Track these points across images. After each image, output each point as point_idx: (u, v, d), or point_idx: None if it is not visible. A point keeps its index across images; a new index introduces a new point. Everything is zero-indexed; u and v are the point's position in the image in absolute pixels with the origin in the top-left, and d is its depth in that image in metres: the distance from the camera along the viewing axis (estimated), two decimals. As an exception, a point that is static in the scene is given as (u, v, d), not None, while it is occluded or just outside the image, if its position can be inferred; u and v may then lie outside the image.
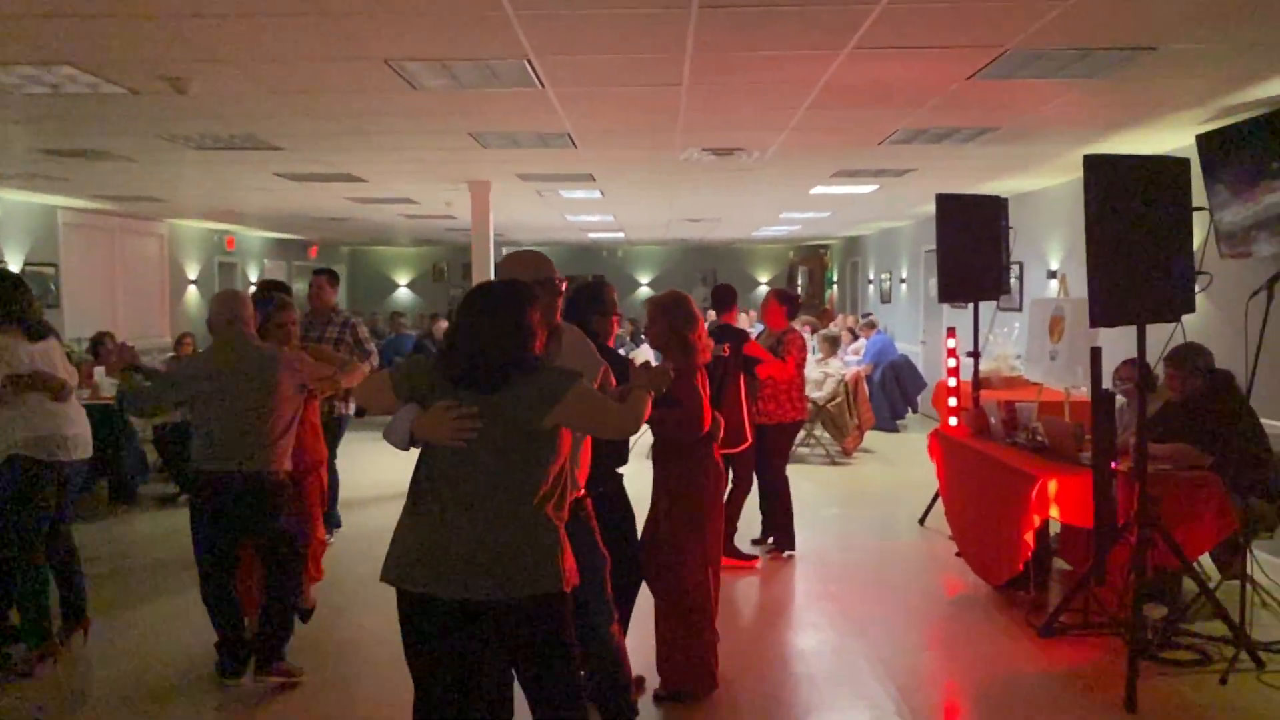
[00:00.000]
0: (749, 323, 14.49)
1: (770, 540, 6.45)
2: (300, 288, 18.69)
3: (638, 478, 4.06)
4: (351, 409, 6.50)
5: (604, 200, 10.73)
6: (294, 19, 3.86)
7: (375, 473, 8.08)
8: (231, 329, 4.20)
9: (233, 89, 5.04)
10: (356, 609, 5.26)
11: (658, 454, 4.11)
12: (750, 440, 5.82)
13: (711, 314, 8.18)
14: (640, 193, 10.16)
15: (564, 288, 3.17)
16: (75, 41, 4.17)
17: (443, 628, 2.61)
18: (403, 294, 21.13)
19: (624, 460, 3.84)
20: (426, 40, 4.18)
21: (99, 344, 8.68)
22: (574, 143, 6.69)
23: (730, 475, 5.59)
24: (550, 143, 6.70)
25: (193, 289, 13.74)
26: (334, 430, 6.26)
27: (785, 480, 6.37)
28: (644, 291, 21.00)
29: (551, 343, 3.05)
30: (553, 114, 5.69)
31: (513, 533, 2.59)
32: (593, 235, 16.88)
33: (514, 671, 2.81)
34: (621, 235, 16.81)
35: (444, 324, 13.17)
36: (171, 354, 9.83)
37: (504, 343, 2.63)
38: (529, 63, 4.52)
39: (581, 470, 3.26)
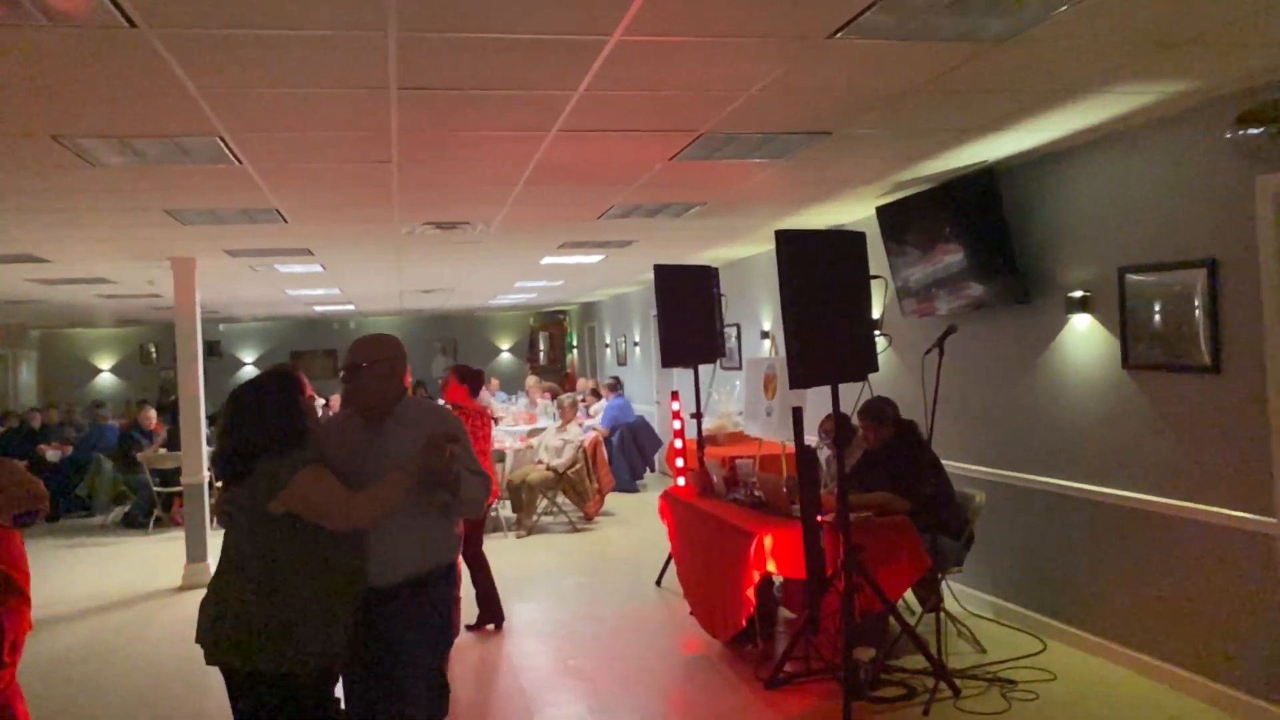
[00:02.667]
0: (490, 392, 14.41)
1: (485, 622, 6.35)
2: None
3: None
4: None
5: (326, 274, 10.33)
6: (-66, 91, 3.44)
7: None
8: None
9: None
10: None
11: None
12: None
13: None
14: (366, 265, 9.87)
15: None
16: None
17: None
18: (105, 379, 19.25)
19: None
20: (102, 117, 3.86)
21: None
22: (284, 218, 6.39)
23: None
24: (257, 218, 6.36)
25: None
26: None
27: (483, 557, 6.31)
28: (380, 364, 20.35)
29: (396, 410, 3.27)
30: (256, 190, 5.42)
31: None
32: (320, 308, 16.21)
33: None
34: (352, 307, 16.26)
35: (153, 411, 12.09)
36: None
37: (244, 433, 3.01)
38: (222, 139, 4.28)
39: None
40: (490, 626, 6.34)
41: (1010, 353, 5.84)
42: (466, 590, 5.61)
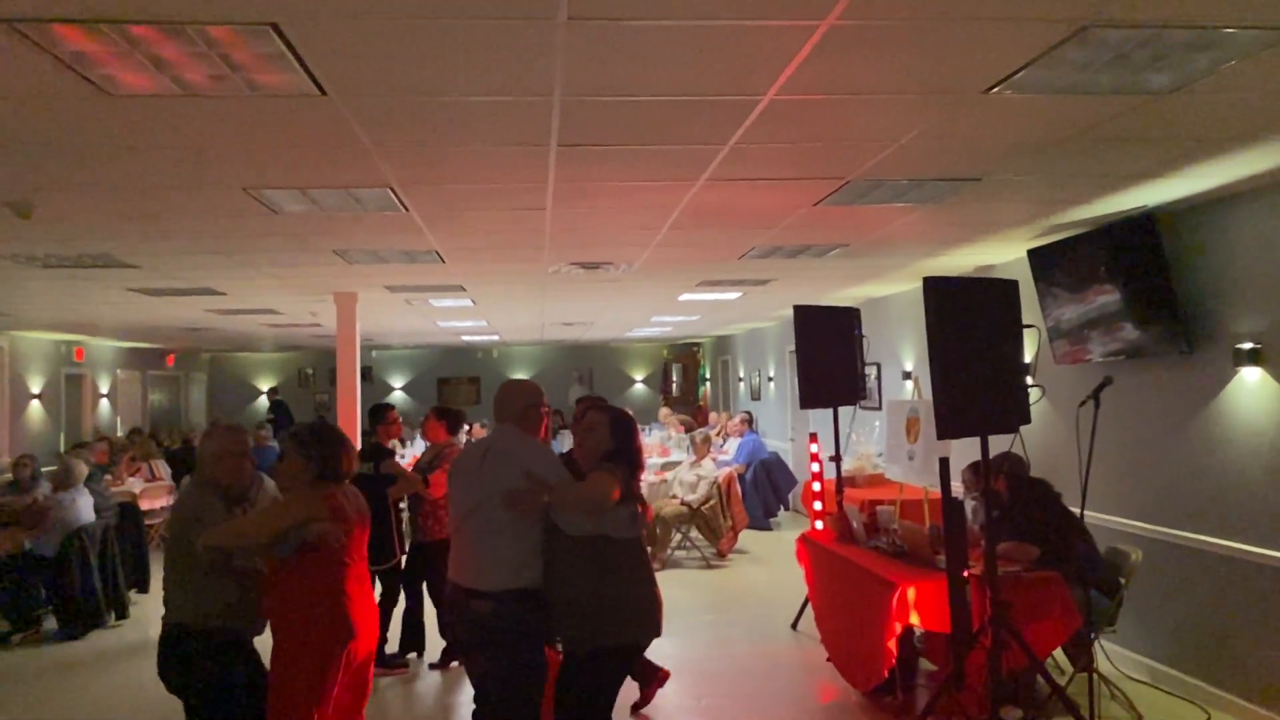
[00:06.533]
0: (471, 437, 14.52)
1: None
2: (156, 398, 17.96)
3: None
4: None
5: (476, 308, 10.75)
6: (149, 149, 3.81)
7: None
8: None
9: (82, 212, 4.90)
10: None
11: None
12: (399, 556, 6.32)
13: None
14: (512, 300, 10.24)
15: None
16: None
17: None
18: (266, 402, 20.44)
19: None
20: (286, 171, 4.19)
21: None
22: (441, 259, 6.73)
23: (380, 589, 6.15)
24: (418, 259, 6.72)
25: (36, 404, 12.97)
26: None
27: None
28: (519, 392, 20.90)
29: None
30: (419, 234, 5.73)
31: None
32: (467, 338, 16.83)
33: None
34: (496, 337, 16.82)
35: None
36: (8, 476, 9.20)
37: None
38: (392, 190, 4.57)
39: None
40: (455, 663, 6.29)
41: (1171, 405, 5.58)
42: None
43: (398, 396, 20.48)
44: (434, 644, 6.49)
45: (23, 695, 6.07)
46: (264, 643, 3.76)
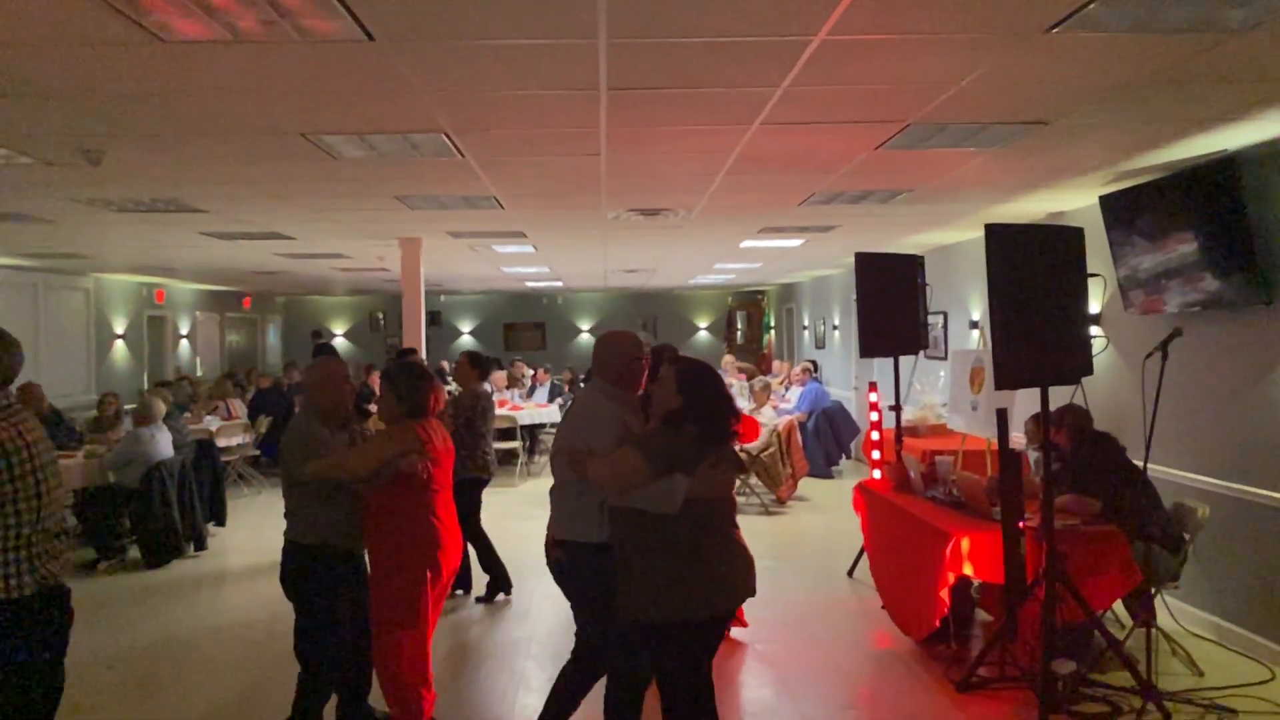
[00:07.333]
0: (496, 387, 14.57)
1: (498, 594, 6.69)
2: (234, 340, 18.49)
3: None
4: None
5: (538, 254, 10.80)
6: (208, 97, 3.88)
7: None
8: None
9: (148, 160, 5.03)
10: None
11: None
12: None
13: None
14: (573, 247, 10.26)
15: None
16: (-17, 118, 4.15)
17: (716, 638, 3.41)
18: (338, 344, 20.92)
19: None
20: (342, 115, 4.23)
21: None
22: (500, 204, 6.76)
23: None
24: (477, 204, 6.76)
25: (120, 344, 13.47)
26: None
27: (482, 532, 6.68)
28: (584, 338, 21.08)
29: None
30: (476, 180, 5.76)
31: (746, 548, 3.48)
32: (531, 284, 16.94)
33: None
34: (560, 283, 16.90)
35: (378, 375, 13.04)
36: (94, 414, 9.61)
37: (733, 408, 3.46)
38: (446, 135, 4.59)
39: None
40: (501, 596, 6.69)
41: (1249, 358, 5.37)
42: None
43: (466, 340, 20.78)
44: (479, 579, 6.77)
45: (108, 619, 6.40)
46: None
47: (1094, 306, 6.55)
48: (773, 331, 20.27)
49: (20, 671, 3.00)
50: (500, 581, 6.69)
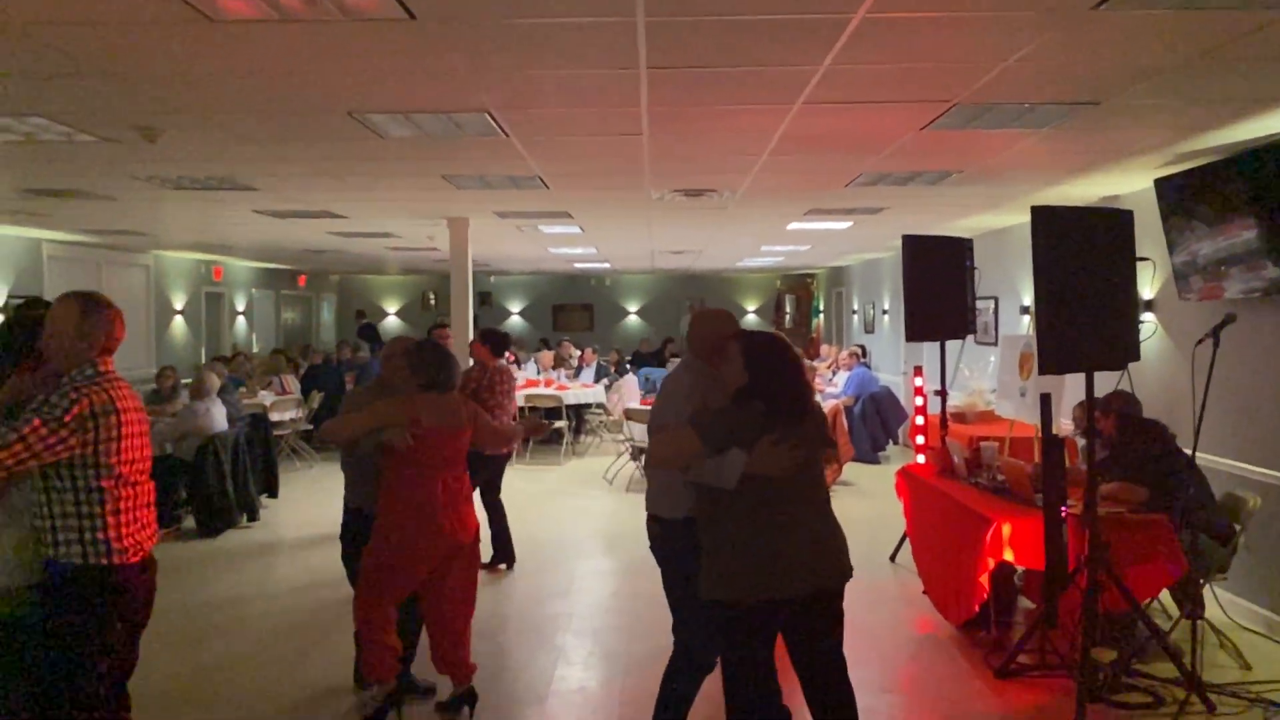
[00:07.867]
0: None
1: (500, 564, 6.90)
2: (289, 317, 18.84)
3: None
4: None
5: (584, 235, 10.84)
6: (255, 75, 3.95)
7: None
8: None
9: (202, 137, 5.14)
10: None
11: None
12: None
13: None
14: (619, 227, 10.27)
15: None
16: (44, 96, 4.26)
17: (772, 622, 3.25)
18: (391, 322, 21.22)
19: None
20: (388, 94, 4.28)
21: None
22: (545, 184, 6.79)
23: None
24: (522, 184, 6.80)
25: (179, 320, 13.81)
26: None
27: (500, 504, 6.89)
28: (632, 319, 21.13)
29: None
30: (520, 159, 5.79)
31: (834, 530, 3.38)
32: (579, 265, 17.00)
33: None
34: (608, 265, 16.93)
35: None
36: (153, 388, 9.88)
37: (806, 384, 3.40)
38: (490, 115, 4.63)
39: None
40: (502, 566, 6.88)
41: (1306, 345, 5.23)
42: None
43: (515, 321, 20.95)
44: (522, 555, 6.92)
45: (163, 585, 6.58)
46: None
47: (1146, 292, 6.41)
48: (821, 315, 20.12)
49: (92, 639, 3.02)
50: (503, 554, 6.91)
